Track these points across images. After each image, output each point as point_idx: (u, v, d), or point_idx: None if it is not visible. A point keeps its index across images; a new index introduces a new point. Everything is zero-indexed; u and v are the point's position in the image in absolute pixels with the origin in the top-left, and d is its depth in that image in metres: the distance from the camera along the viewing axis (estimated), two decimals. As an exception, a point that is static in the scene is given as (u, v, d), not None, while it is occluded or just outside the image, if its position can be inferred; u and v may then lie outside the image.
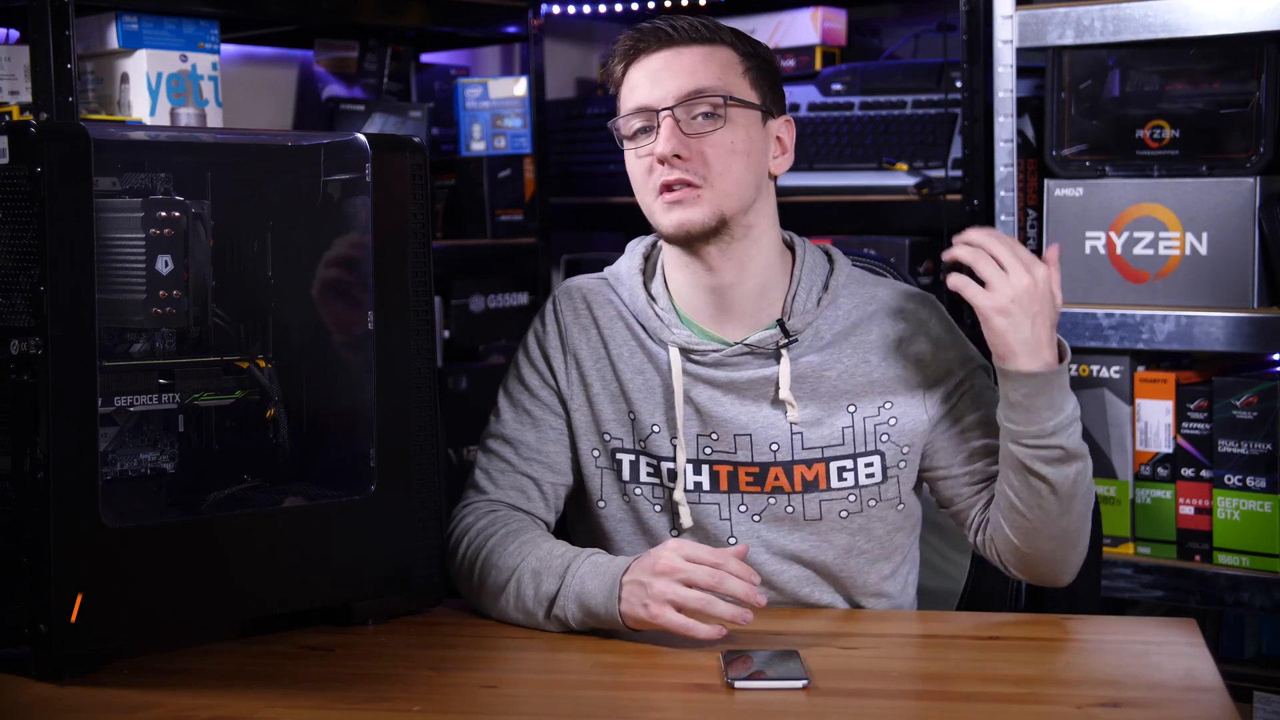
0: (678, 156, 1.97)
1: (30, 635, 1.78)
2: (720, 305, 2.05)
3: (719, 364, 2.04)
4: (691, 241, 2.01)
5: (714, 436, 2.05)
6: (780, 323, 2.04)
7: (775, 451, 2.03)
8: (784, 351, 2.03)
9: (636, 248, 2.15)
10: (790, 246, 2.11)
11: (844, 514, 2.04)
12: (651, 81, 2.00)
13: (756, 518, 2.05)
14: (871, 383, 2.04)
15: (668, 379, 2.05)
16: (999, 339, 1.91)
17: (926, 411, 2.04)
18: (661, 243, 2.11)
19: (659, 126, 1.99)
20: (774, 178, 2.07)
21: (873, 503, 2.04)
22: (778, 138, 2.06)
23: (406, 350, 2.03)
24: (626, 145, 2.04)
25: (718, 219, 1.99)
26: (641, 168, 2.02)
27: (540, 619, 1.94)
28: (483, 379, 3.15)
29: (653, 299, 2.09)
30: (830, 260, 2.12)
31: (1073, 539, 1.98)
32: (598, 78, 3.74)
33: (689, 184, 1.98)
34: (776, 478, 2.03)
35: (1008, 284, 1.89)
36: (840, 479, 2.04)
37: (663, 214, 2.00)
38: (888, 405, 2.04)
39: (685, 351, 2.05)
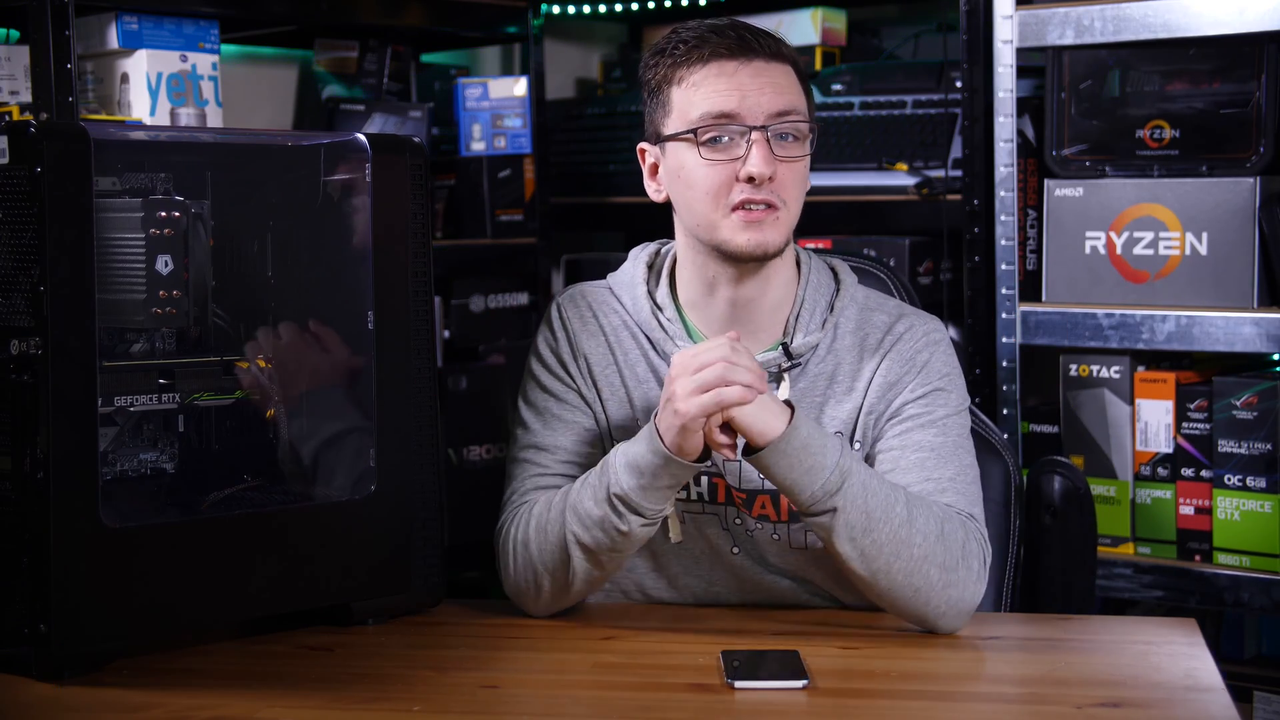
0: (770, 178, 1.93)
1: (30, 635, 1.78)
2: (734, 318, 2.03)
3: None
4: (756, 260, 1.98)
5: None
6: (785, 345, 2.03)
7: (763, 480, 2.01)
8: (785, 375, 2.02)
9: (640, 255, 2.12)
10: (796, 261, 2.08)
11: None
12: (739, 91, 1.94)
13: (750, 534, 2.04)
14: (862, 416, 2.02)
15: None
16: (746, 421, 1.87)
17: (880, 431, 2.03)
18: (674, 249, 2.07)
19: (749, 144, 1.94)
20: None
21: None
22: None
23: (406, 350, 2.03)
24: (704, 154, 1.95)
25: (787, 241, 1.99)
26: (717, 179, 1.95)
27: (610, 520, 1.91)
28: (483, 379, 3.14)
29: (658, 308, 2.07)
30: (836, 279, 2.09)
31: (910, 597, 1.91)
32: (598, 77, 3.74)
33: (770, 206, 1.95)
34: (763, 505, 2.02)
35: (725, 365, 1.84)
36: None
37: (735, 231, 1.95)
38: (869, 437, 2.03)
39: None
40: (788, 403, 1.91)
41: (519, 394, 2.12)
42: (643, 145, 2.06)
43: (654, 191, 2.05)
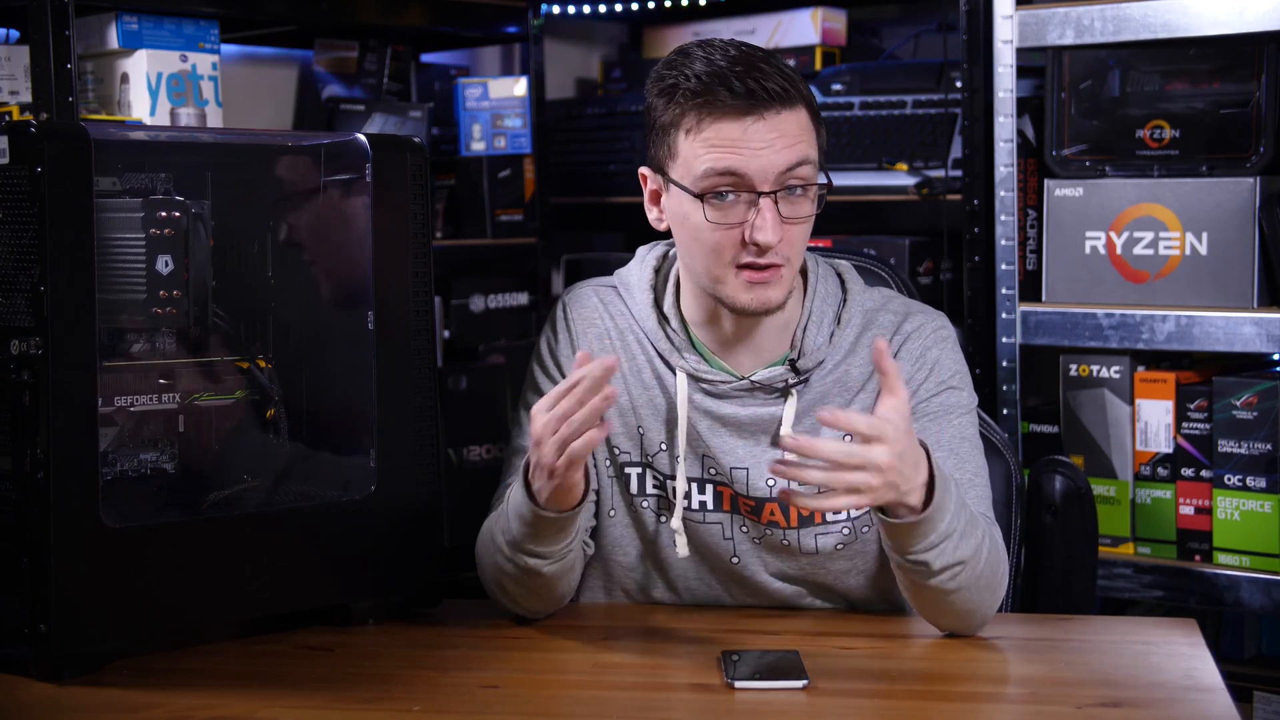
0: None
1: (30, 635, 1.78)
2: (738, 340, 2.02)
3: (725, 396, 2.01)
4: (756, 315, 1.96)
5: (715, 459, 2.03)
6: (791, 362, 2.01)
7: (771, 487, 2.01)
8: (792, 391, 2.01)
9: (648, 258, 2.10)
10: (803, 269, 2.06)
11: (840, 545, 2.02)
12: (749, 150, 1.88)
13: (756, 541, 2.04)
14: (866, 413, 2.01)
15: (674, 402, 2.03)
16: (890, 508, 1.81)
17: None
18: (683, 278, 2.05)
19: (758, 207, 1.88)
20: None
21: (866, 530, 2.02)
22: None
23: (406, 350, 2.03)
24: (709, 215, 1.90)
25: (790, 291, 1.96)
26: (722, 241, 1.91)
27: (518, 559, 1.92)
28: (483, 379, 3.14)
29: (664, 318, 2.05)
30: (843, 286, 2.07)
31: (962, 616, 1.91)
32: (598, 77, 3.74)
33: (775, 266, 1.92)
34: (772, 513, 2.01)
35: (877, 475, 1.74)
36: (834, 512, 2.01)
37: (739, 290, 1.93)
38: None
39: (693, 378, 2.02)
40: (926, 447, 1.81)
41: (521, 393, 2.12)
42: (644, 170, 2.01)
43: (655, 220, 2.01)
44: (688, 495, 2.03)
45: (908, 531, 1.83)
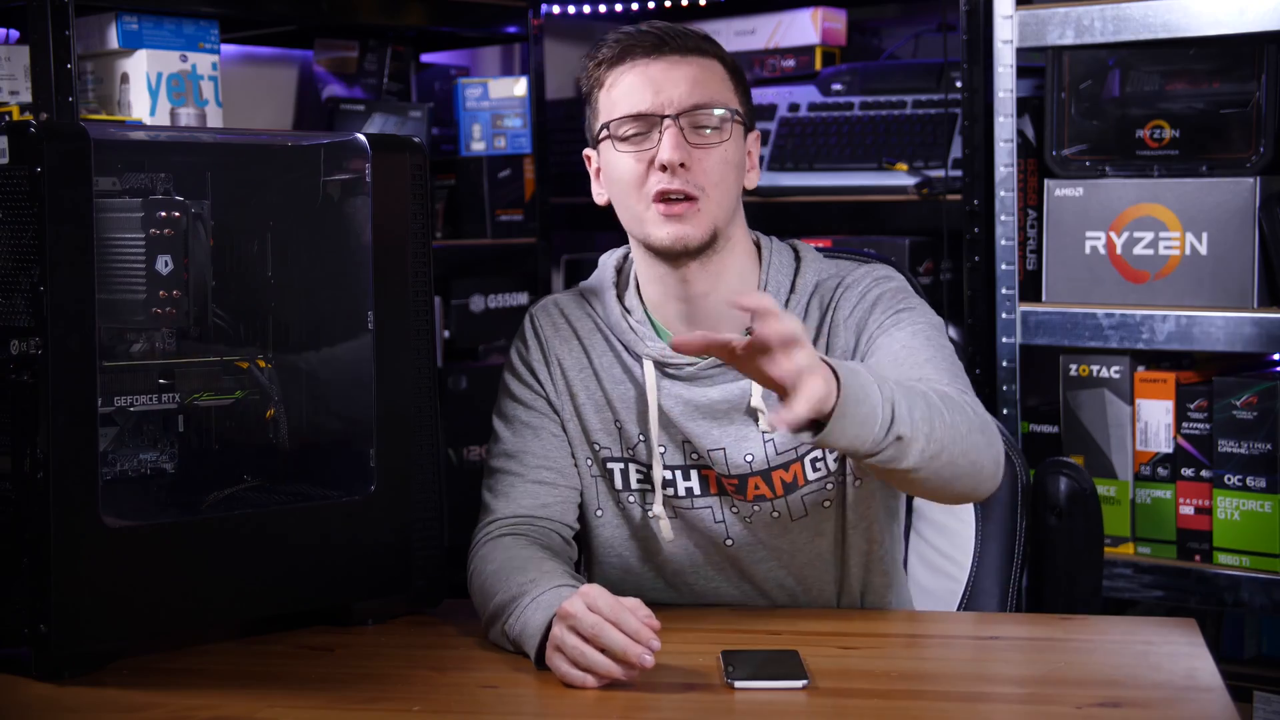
0: (681, 165, 1.95)
1: (30, 635, 1.78)
2: (693, 315, 2.03)
3: (693, 378, 2.03)
4: (681, 255, 1.99)
5: (694, 444, 2.03)
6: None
7: (750, 462, 2.01)
8: None
9: (608, 261, 2.14)
10: (757, 246, 2.09)
11: (827, 503, 2.03)
12: (652, 88, 1.99)
13: (749, 519, 2.04)
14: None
15: (644, 391, 2.04)
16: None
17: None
18: (633, 254, 2.09)
19: (661, 133, 1.97)
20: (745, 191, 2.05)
21: (857, 484, 2.02)
22: (749, 151, 2.06)
23: (406, 350, 2.03)
24: (619, 147, 2.00)
25: (712, 233, 1.98)
26: (635, 171, 1.99)
27: (500, 641, 1.90)
28: (483, 379, 3.14)
29: (627, 311, 2.07)
30: (797, 258, 2.09)
31: (972, 473, 1.82)
32: (598, 78, 3.74)
33: (688, 195, 1.96)
34: (757, 486, 2.02)
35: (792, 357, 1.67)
36: (814, 470, 2.02)
37: (657, 225, 1.98)
38: None
39: (659, 365, 2.04)
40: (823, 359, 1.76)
41: (495, 406, 2.12)
42: (587, 151, 2.10)
43: (597, 195, 2.09)
44: (673, 483, 2.04)
45: (846, 424, 1.71)
